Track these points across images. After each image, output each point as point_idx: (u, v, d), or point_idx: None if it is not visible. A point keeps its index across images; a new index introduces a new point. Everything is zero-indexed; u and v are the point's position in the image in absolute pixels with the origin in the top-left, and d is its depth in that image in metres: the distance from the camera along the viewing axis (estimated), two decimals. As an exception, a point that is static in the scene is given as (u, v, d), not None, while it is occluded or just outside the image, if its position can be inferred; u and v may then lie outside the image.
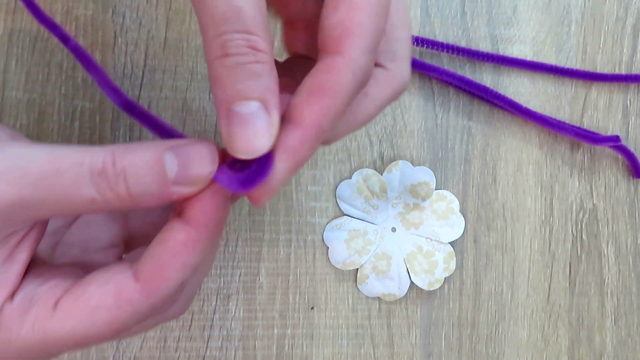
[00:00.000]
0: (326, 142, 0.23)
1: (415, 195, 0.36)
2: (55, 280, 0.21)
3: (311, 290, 0.35)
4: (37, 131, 0.32)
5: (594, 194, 0.38)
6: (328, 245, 0.35)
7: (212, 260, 0.26)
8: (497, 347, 0.36)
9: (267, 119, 0.19)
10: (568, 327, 0.37)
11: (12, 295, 0.20)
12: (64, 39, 0.31)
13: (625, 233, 0.38)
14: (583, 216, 0.38)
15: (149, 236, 0.21)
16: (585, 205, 0.38)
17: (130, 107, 0.25)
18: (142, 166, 0.19)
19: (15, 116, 0.32)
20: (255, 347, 0.34)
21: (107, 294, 0.20)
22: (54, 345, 0.20)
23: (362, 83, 0.20)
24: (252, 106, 0.19)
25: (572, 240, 0.38)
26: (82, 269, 0.23)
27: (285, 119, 0.20)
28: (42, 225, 0.21)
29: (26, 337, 0.20)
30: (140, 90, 0.34)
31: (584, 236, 0.38)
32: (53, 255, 0.25)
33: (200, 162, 0.20)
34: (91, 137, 0.33)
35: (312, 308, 0.35)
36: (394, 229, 0.35)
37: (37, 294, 0.20)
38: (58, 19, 0.33)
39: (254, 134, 0.19)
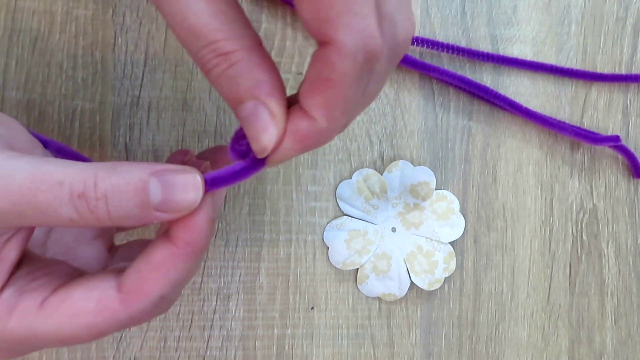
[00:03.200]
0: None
1: (415, 195, 0.36)
2: (44, 279, 0.21)
3: (311, 290, 0.35)
4: (37, 131, 0.32)
5: (594, 194, 0.38)
6: (328, 245, 0.35)
7: (194, 274, 0.26)
8: (497, 347, 0.36)
9: (266, 112, 0.20)
10: (568, 327, 0.37)
11: (1, 290, 0.21)
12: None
13: (625, 233, 0.38)
14: (583, 216, 0.38)
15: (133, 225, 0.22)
16: (585, 205, 0.38)
17: None
18: (125, 191, 0.19)
19: (15, 116, 0.32)
20: (255, 347, 0.34)
21: (90, 300, 0.21)
22: (38, 340, 0.21)
23: (368, 60, 0.19)
24: (248, 107, 0.20)
25: (572, 240, 0.38)
26: (73, 261, 0.24)
27: (297, 107, 0.20)
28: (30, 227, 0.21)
29: (12, 331, 0.20)
30: (140, 90, 0.34)
31: (584, 236, 0.38)
32: (46, 243, 0.26)
33: (184, 192, 0.20)
34: (91, 137, 0.33)
35: (312, 308, 0.35)
36: (394, 229, 0.35)
37: (25, 291, 0.21)
38: (58, 19, 0.33)
39: (260, 131, 0.20)
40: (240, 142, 0.21)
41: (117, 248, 0.28)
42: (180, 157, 0.24)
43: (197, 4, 0.19)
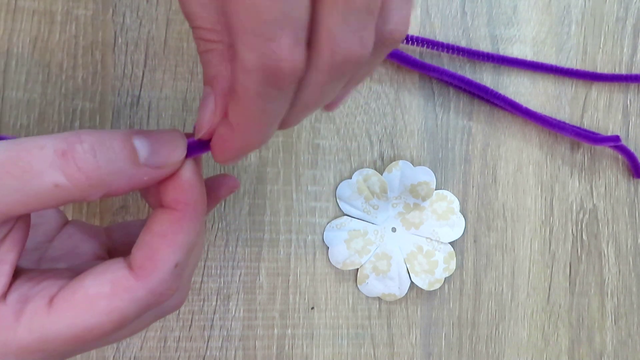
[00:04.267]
0: (328, 108, 0.23)
1: (415, 195, 0.36)
2: (47, 282, 0.20)
3: (311, 290, 0.35)
4: (37, 131, 0.32)
5: (594, 194, 0.38)
6: (328, 245, 0.35)
7: (202, 245, 0.26)
8: (497, 347, 0.36)
9: (212, 102, 0.20)
10: (568, 327, 0.37)
11: (4, 296, 0.19)
12: None
13: (625, 233, 0.38)
14: (583, 216, 0.38)
15: (131, 247, 0.21)
16: (585, 205, 0.38)
17: None
18: (113, 145, 0.19)
19: (15, 116, 0.32)
20: (255, 347, 0.34)
21: (104, 284, 0.20)
22: (54, 344, 0.19)
23: (271, 81, 0.18)
24: (206, 90, 0.20)
25: (572, 240, 0.38)
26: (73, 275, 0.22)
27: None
28: (23, 223, 0.20)
29: (23, 338, 0.19)
30: (140, 90, 0.34)
31: (584, 236, 0.38)
32: (40, 261, 0.25)
33: (171, 145, 0.20)
34: (91, 137, 0.33)
35: (312, 308, 0.35)
36: (394, 229, 0.35)
37: (30, 293, 0.20)
38: (58, 19, 0.33)
39: (201, 115, 0.20)
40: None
41: (115, 247, 0.27)
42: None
43: None
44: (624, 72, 0.39)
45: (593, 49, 0.39)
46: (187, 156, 0.21)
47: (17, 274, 0.21)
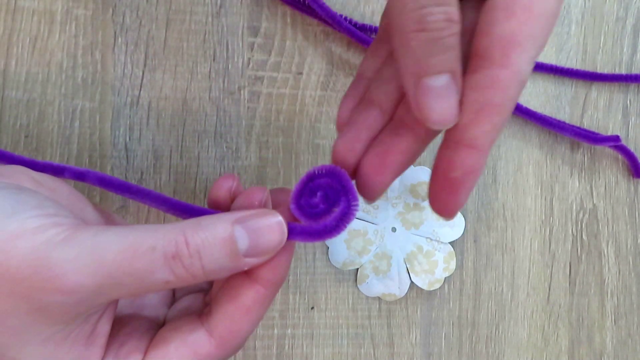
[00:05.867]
0: None
1: (415, 195, 0.36)
2: (131, 342, 0.22)
3: (311, 290, 0.35)
4: (37, 131, 0.32)
5: (594, 194, 0.38)
6: (328, 245, 0.35)
7: None
8: (497, 347, 0.36)
9: (456, 90, 0.19)
10: (568, 327, 0.37)
11: None
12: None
13: (625, 233, 0.38)
14: (583, 216, 0.38)
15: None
16: (585, 205, 0.38)
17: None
18: (216, 244, 0.20)
19: (15, 116, 0.32)
20: (255, 347, 0.34)
21: (187, 354, 0.21)
22: None
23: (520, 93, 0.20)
24: (443, 79, 0.19)
25: (572, 240, 0.38)
26: (149, 321, 0.24)
27: (456, 139, 0.20)
28: None
29: None
30: (140, 90, 0.34)
31: (584, 236, 0.38)
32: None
33: (270, 234, 0.21)
34: (91, 137, 0.33)
35: (312, 308, 0.35)
36: (394, 229, 0.35)
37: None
38: (58, 19, 0.33)
39: (449, 107, 0.20)
40: (310, 202, 0.22)
41: None
42: (228, 184, 0.24)
43: None
44: (624, 72, 0.39)
45: (593, 49, 0.39)
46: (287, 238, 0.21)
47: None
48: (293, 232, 0.21)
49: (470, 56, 0.20)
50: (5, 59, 0.32)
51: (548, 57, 0.38)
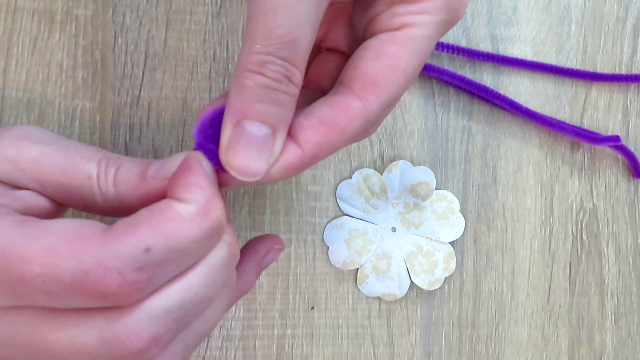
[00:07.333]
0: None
1: (415, 195, 0.36)
2: None
3: (311, 290, 0.35)
4: (37, 131, 0.32)
5: (594, 194, 0.38)
6: (328, 245, 0.35)
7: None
8: (497, 347, 0.36)
9: (271, 147, 0.20)
10: (568, 327, 0.37)
11: None
12: None
13: (625, 233, 0.38)
14: (583, 216, 0.38)
15: None
16: (585, 205, 0.38)
17: None
18: (133, 164, 0.22)
19: (15, 116, 0.32)
20: (255, 347, 0.34)
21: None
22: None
23: (365, 132, 0.22)
24: (263, 130, 0.19)
25: (572, 240, 0.38)
26: None
27: (289, 133, 0.21)
28: None
29: None
30: (140, 90, 0.34)
31: (584, 236, 0.38)
32: None
33: (175, 162, 0.21)
34: (91, 137, 0.33)
35: (312, 308, 0.35)
36: (394, 229, 0.35)
37: None
38: (58, 19, 0.33)
39: (256, 159, 0.20)
40: (215, 130, 0.21)
41: None
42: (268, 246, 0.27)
43: None
44: (624, 72, 0.39)
45: (593, 49, 0.39)
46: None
47: None
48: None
49: (337, 82, 0.22)
50: (5, 59, 0.32)
51: (548, 57, 0.38)
